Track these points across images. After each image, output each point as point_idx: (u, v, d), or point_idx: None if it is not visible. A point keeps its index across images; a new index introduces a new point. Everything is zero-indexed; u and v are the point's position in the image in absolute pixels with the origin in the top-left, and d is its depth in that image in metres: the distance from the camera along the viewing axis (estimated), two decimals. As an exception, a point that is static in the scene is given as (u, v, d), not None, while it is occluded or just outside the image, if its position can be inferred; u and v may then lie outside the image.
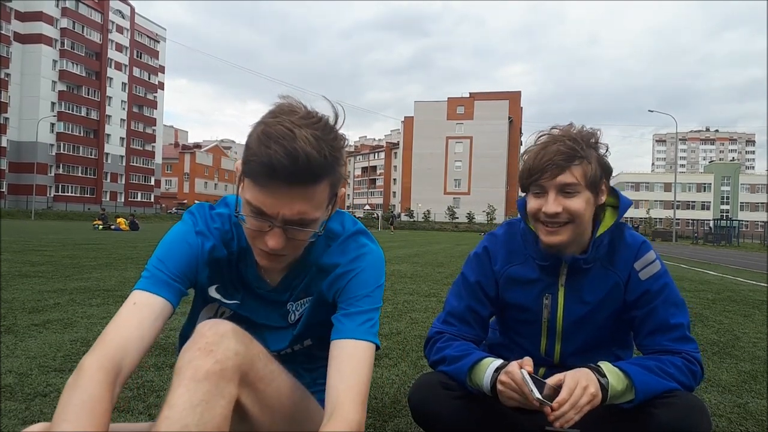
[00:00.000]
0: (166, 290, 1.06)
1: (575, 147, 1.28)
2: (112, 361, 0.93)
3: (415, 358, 2.86)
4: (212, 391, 0.88)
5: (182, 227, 1.16)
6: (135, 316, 1.01)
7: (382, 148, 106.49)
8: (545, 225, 1.32)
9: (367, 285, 1.14)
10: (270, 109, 0.99)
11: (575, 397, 1.16)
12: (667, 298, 1.36)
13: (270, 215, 0.98)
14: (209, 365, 0.90)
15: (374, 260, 1.18)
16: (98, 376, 0.90)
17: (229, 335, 0.95)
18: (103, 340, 0.97)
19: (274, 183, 0.94)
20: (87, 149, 65.39)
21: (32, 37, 59.48)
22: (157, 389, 2.15)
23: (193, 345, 0.94)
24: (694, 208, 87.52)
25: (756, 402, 2.32)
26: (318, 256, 1.17)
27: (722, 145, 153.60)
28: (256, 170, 0.95)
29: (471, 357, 1.33)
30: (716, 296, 6.34)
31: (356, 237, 1.19)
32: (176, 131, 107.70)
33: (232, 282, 1.20)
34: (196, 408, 0.86)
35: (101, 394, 0.89)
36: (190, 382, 0.88)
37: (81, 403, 0.86)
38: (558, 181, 1.27)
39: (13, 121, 58.16)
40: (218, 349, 0.92)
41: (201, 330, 0.96)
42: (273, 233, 1.00)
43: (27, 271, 6.20)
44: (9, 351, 2.66)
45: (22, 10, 58.63)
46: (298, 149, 0.91)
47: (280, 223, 0.99)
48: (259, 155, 0.93)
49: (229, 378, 0.91)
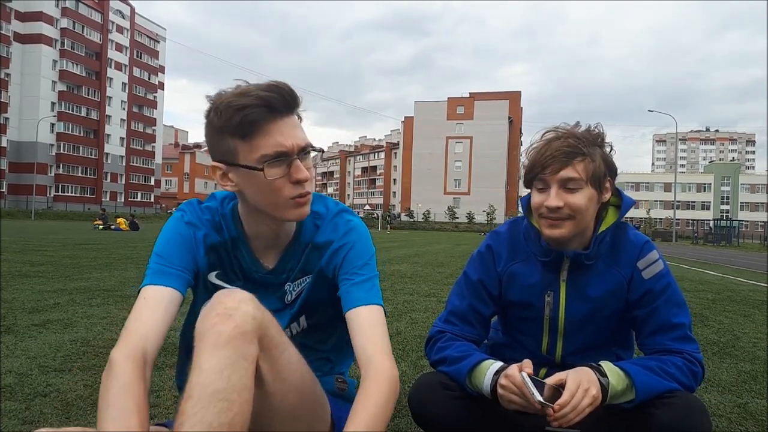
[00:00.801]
0: (171, 280, 1.13)
1: (578, 144, 1.29)
2: (137, 350, 1.01)
3: (415, 358, 2.86)
4: (235, 354, 0.92)
5: (172, 222, 1.22)
6: (149, 307, 1.08)
7: (382, 148, 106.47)
8: (547, 219, 1.33)
9: (363, 255, 1.23)
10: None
11: (576, 399, 1.16)
12: (670, 297, 1.36)
13: (288, 150, 1.06)
14: (229, 330, 0.93)
15: (363, 232, 1.26)
16: (128, 364, 0.97)
17: (246, 300, 0.99)
18: (126, 333, 1.05)
19: (276, 118, 1.05)
20: (87, 149, 65.38)
21: (32, 37, 59.47)
22: (157, 389, 2.15)
23: (212, 311, 0.97)
24: (694, 208, 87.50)
25: (756, 402, 2.32)
26: (310, 236, 1.25)
27: (722, 145, 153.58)
28: (258, 116, 1.03)
29: (471, 359, 1.33)
30: (716, 296, 6.33)
31: (341, 214, 1.27)
32: (176, 131, 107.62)
33: (232, 268, 1.25)
34: (223, 372, 0.90)
35: (134, 380, 0.96)
36: (213, 348, 0.92)
37: (118, 389, 0.94)
38: (560, 176, 1.28)
39: (13, 121, 58.15)
40: (237, 313, 0.95)
41: (219, 297, 1.00)
42: (296, 167, 1.08)
43: (27, 271, 6.20)
44: (9, 351, 2.66)
45: (22, 10, 58.60)
46: (274, 85, 1.05)
47: (296, 155, 1.07)
48: (251, 104, 1.02)
49: (250, 340, 0.95)
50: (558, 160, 1.28)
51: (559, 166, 1.28)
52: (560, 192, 1.29)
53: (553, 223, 1.32)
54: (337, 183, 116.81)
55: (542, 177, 1.31)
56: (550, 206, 1.30)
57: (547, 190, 1.31)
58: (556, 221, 1.31)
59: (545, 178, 1.31)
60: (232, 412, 0.88)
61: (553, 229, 1.33)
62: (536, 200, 1.34)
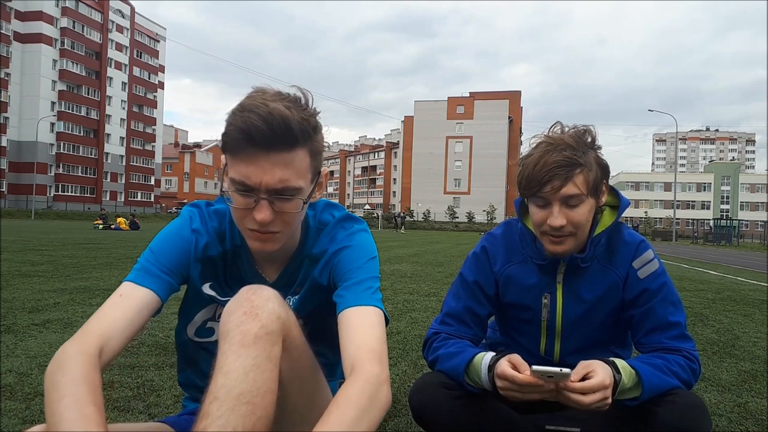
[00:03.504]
0: (155, 283, 1.07)
1: (574, 155, 1.26)
2: (93, 347, 0.95)
3: (415, 358, 2.86)
4: (261, 355, 0.90)
5: (179, 222, 1.17)
6: (120, 307, 1.02)
7: (382, 148, 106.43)
8: (550, 236, 1.32)
9: (357, 259, 1.15)
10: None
11: (595, 397, 1.14)
12: (666, 296, 1.36)
13: (253, 186, 0.98)
14: (256, 329, 0.91)
15: (362, 238, 1.19)
16: (82, 358, 0.92)
17: (273, 299, 0.96)
18: (85, 329, 0.98)
19: (252, 150, 0.96)
20: (87, 149, 65.35)
21: (32, 36, 59.44)
22: (157, 389, 2.15)
23: (239, 308, 0.94)
24: (694, 207, 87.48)
25: (756, 402, 2.32)
26: (310, 247, 1.19)
27: (722, 144, 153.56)
28: (234, 139, 0.96)
29: (465, 355, 1.33)
30: (716, 296, 6.33)
31: (343, 223, 1.20)
32: (176, 131, 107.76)
33: (227, 280, 1.20)
34: (248, 374, 0.87)
35: (90, 371, 0.90)
36: (239, 348, 0.89)
37: (70, 380, 0.87)
38: (562, 194, 1.26)
39: (13, 121, 58.14)
40: (263, 312, 0.93)
41: (245, 294, 0.97)
42: (259, 206, 1.00)
43: (27, 270, 6.20)
44: (9, 351, 2.66)
45: (22, 9, 58.60)
46: (273, 113, 0.94)
47: (265, 194, 0.99)
48: (235, 123, 0.95)
49: (274, 341, 0.93)
50: (558, 176, 1.24)
51: (559, 184, 1.25)
52: (562, 210, 1.27)
53: (556, 240, 1.31)
54: (337, 183, 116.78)
55: (542, 195, 1.28)
56: (554, 225, 1.28)
57: (548, 207, 1.29)
58: (559, 238, 1.31)
59: (545, 196, 1.28)
60: (255, 415, 0.86)
61: (557, 246, 1.32)
62: (537, 217, 1.32)
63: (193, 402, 1.32)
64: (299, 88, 1.04)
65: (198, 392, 1.31)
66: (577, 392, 1.14)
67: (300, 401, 1.04)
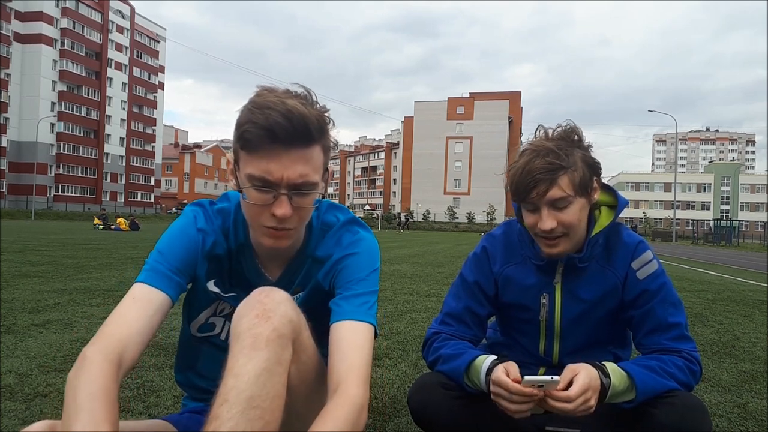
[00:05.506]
0: (166, 284, 1.07)
1: (556, 160, 1.26)
2: (114, 353, 0.94)
3: (415, 358, 2.86)
4: (272, 359, 0.90)
5: (184, 221, 1.17)
6: (134, 309, 1.02)
7: (382, 148, 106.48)
8: (543, 239, 1.33)
9: (361, 269, 1.15)
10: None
11: (575, 404, 1.14)
12: (665, 297, 1.36)
13: (275, 181, 0.99)
14: (268, 332, 0.91)
15: (367, 246, 1.19)
16: (104, 366, 0.91)
17: (285, 301, 0.96)
18: (104, 333, 0.97)
19: (274, 146, 0.97)
20: (87, 149, 65.37)
21: (32, 37, 59.46)
22: (157, 389, 2.15)
23: (251, 310, 0.94)
24: (694, 208, 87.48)
25: (756, 402, 2.32)
26: (314, 247, 1.19)
27: (722, 145, 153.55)
28: (256, 136, 0.97)
29: (465, 356, 1.33)
30: (716, 296, 6.33)
31: (349, 226, 1.20)
32: (176, 131, 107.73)
33: (230, 277, 1.20)
34: (259, 377, 0.87)
35: (109, 384, 0.89)
36: (251, 350, 0.90)
37: (91, 394, 0.86)
38: (548, 198, 1.27)
39: (13, 121, 58.15)
40: (275, 315, 0.93)
41: (257, 296, 0.97)
42: (279, 201, 1.01)
43: (27, 271, 6.20)
44: (9, 351, 2.66)
45: (22, 10, 58.61)
46: (292, 110, 0.96)
47: (286, 189, 1.00)
48: (256, 121, 0.96)
49: (285, 345, 0.92)
50: (542, 181, 1.26)
51: (544, 188, 1.26)
52: (551, 212, 1.29)
53: (550, 243, 1.33)
54: (337, 183, 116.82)
55: (530, 200, 1.30)
56: (543, 229, 1.29)
57: (537, 212, 1.31)
58: (552, 240, 1.32)
59: (533, 201, 1.30)
60: (263, 420, 0.86)
61: (551, 249, 1.33)
62: (529, 221, 1.34)
63: (192, 401, 1.32)
64: (302, 87, 1.05)
65: (196, 392, 1.31)
66: (562, 401, 1.14)
67: (306, 404, 1.04)
